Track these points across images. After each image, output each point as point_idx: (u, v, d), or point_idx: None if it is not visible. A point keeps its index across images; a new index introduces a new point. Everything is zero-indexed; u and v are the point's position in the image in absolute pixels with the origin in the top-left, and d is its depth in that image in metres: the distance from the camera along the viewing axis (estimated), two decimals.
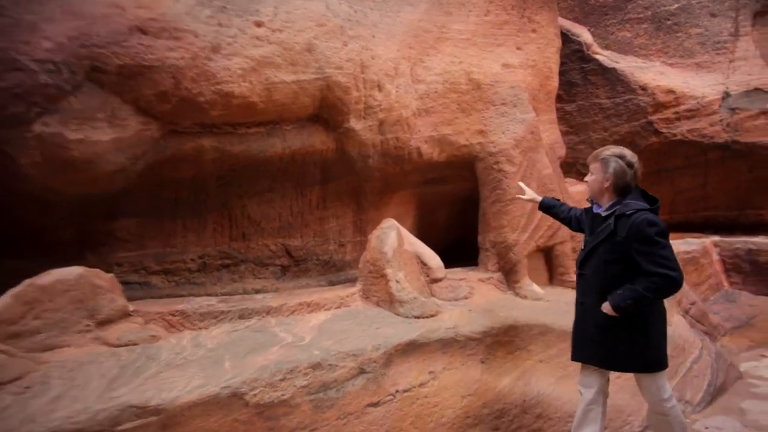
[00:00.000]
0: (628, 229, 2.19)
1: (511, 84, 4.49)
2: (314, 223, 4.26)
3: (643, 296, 2.17)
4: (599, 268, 2.35)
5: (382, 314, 3.35)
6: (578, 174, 6.84)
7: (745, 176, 6.19)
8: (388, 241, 3.58)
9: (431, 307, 3.36)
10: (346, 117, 3.72)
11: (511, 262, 4.16)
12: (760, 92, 5.97)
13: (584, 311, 2.49)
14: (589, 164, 2.44)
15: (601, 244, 2.34)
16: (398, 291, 3.37)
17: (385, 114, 3.88)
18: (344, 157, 3.91)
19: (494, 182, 4.26)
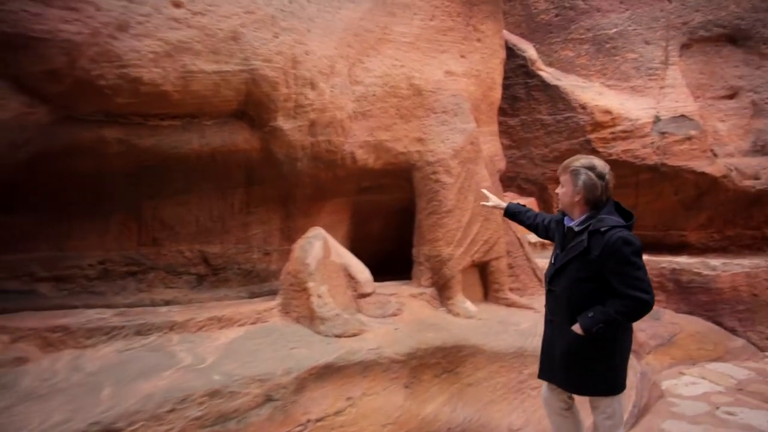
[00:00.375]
0: (603, 248, 2.07)
1: (453, 92, 4.36)
2: (236, 228, 3.91)
3: (615, 319, 2.08)
4: (570, 285, 2.21)
5: (300, 332, 3.06)
6: (519, 189, 6.87)
7: (671, 198, 6.44)
8: (313, 251, 3.31)
9: (355, 325, 3.11)
10: (273, 115, 3.42)
11: (445, 277, 4.00)
12: (685, 119, 6.24)
13: (552, 330, 2.35)
14: (559, 176, 2.30)
15: (572, 261, 2.20)
16: (320, 307, 3.11)
17: (317, 114, 3.62)
18: (270, 159, 3.60)
19: (431, 193, 4.10)
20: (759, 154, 6.52)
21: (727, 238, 6.44)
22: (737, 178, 6.15)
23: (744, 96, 6.61)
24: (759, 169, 6.35)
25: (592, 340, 2.12)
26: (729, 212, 6.38)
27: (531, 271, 4.60)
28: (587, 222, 2.17)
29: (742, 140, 6.55)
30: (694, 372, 4.69)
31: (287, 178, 3.78)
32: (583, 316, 2.13)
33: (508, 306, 4.16)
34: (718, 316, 5.60)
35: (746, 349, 5.16)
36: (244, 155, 3.55)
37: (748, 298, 5.57)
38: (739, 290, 5.59)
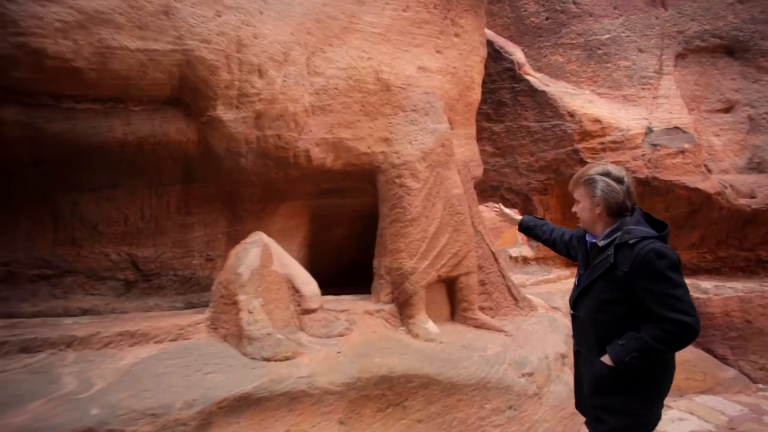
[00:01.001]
0: (632, 262, 1.75)
1: (425, 89, 3.97)
2: (173, 230, 3.48)
3: (652, 348, 1.71)
4: (597, 309, 1.89)
5: (225, 353, 2.63)
6: (502, 199, 6.47)
7: (663, 215, 6.06)
8: (247, 259, 2.89)
9: (288, 346, 2.68)
10: (211, 103, 3.01)
11: (407, 293, 3.58)
12: (679, 131, 5.89)
13: (580, 361, 2.02)
14: (573, 192, 1.99)
15: (598, 280, 1.88)
16: (249, 324, 2.68)
17: (265, 106, 3.21)
18: (209, 153, 3.19)
19: (394, 198, 3.69)
20: (755, 171, 6.17)
21: (720, 259, 6.07)
22: (732, 195, 5.79)
23: (740, 110, 6.28)
24: (755, 188, 6.00)
25: (624, 374, 1.77)
26: (722, 232, 6.01)
27: (506, 288, 4.19)
28: (613, 235, 1.85)
29: (738, 156, 6.20)
30: (681, 405, 4.27)
31: (230, 176, 3.36)
32: (613, 344, 1.79)
33: (477, 327, 3.73)
34: (708, 342, 5.20)
35: (738, 380, 4.75)
36: (178, 148, 3.13)
37: (740, 325, 5.18)
38: (731, 316, 5.20)
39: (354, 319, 3.30)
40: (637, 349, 1.72)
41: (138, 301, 3.35)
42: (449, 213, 3.74)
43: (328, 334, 3.03)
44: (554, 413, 3.10)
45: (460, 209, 3.80)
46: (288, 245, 4.20)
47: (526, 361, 3.20)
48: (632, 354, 1.72)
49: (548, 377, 3.25)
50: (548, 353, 3.45)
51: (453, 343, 3.27)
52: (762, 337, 5.13)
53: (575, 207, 2.00)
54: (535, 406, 3.03)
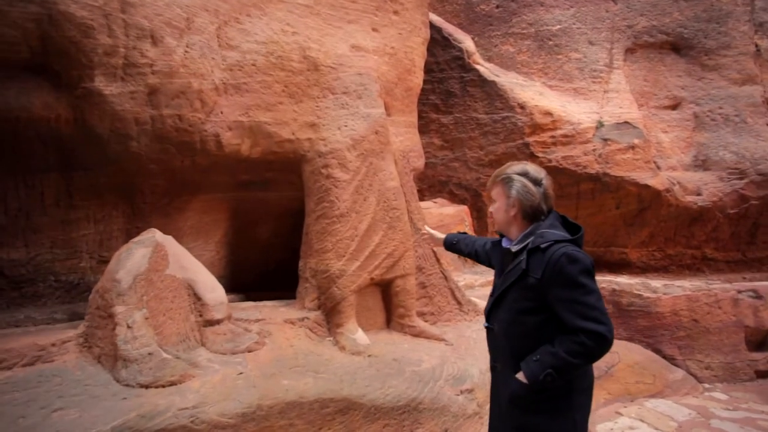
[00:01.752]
0: (544, 268, 1.64)
1: (359, 70, 3.55)
2: (51, 227, 2.91)
3: (567, 363, 1.58)
4: (510, 320, 1.74)
5: (94, 379, 2.12)
6: (451, 195, 6.16)
7: (613, 212, 5.93)
8: (130, 262, 2.38)
9: (175, 369, 2.20)
10: (87, 72, 2.47)
11: (334, 298, 3.15)
12: (629, 126, 5.76)
13: (496, 379, 1.84)
14: (490, 191, 1.85)
15: (511, 289, 1.74)
16: (125, 342, 2.17)
17: (161, 80, 2.70)
18: (90, 135, 2.64)
19: (321, 191, 3.25)
20: (700, 168, 6.12)
21: (668, 257, 5.99)
22: (679, 192, 5.70)
23: (686, 107, 6.22)
24: (701, 185, 5.95)
25: (540, 392, 1.63)
26: (670, 229, 5.93)
27: (449, 291, 3.84)
28: (526, 239, 1.73)
29: (684, 153, 6.13)
30: (632, 412, 4.06)
31: (121, 163, 2.83)
32: (527, 361, 1.65)
33: (414, 336, 3.35)
34: (657, 342, 5.06)
35: (686, 381, 4.61)
36: (48, 127, 2.57)
37: (688, 324, 5.06)
38: (679, 315, 5.08)
39: (269, 330, 2.85)
40: (551, 365, 1.58)
41: (2, 313, 2.75)
42: (383, 208, 3.34)
43: (233, 350, 2.56)
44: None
45: (395, 204, 3.40)
46: (203, 244, 3.70)
47: (466, 375, 2.84)
48: (547, 371, 1.58)
49: None
50: None
51: (384, 357, 2.87)
52: (708, 336, 5.04)
53: (491, 207, 1.83)
54: (475, 426, 2.68)
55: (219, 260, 3.79)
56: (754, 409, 4.17)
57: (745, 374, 4.88)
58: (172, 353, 2.31)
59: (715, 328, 5.03)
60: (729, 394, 4.56)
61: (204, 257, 3.69)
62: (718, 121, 6.12)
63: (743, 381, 4.84)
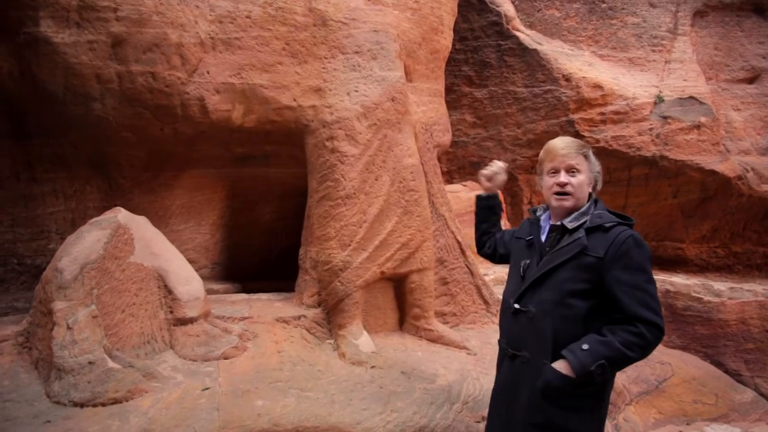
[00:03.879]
0: (608, 248, 1.51)
1: (374, 26, 3.00)
2: (11, 203, 2.54)
3: (623, 355, 1.45)
4: (557, 302, 1.55)
5: (21, 391, 1.73)
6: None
7: (669, 201, 5.19)
8: (77, 248, 1.96)
9: (123, 381, 1.77)
10: (28, 14, 2.03)
11: (337, 294, 2.67)
12: (694, 102, 4.97)
13: (515, 372, 1.62)
14: (568, 159, 1.62)
15: (561, 267, 1.56)
16: (62, 347, 1.76)
17: (129, 28, 2.24)
18: (41, 93, 2.22)
19: (324, 168, 2.75)
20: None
21: (734, 255, 5.20)
22: (754, 180, 4.89)
23: (767, 80, 5.34)
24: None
25: (580, 386, 1.48)
26: (739, 223, 5.13)
27: (474, 289, 3.29)
28: (581, 218, 1.61)
29: (761, 135, 5.28)
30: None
31: (86, 129, 2.41)
32: (571, 350, 1.49)
33: (431, 341, 2.84)
34: (719, 354, 4.37)
35: (756, 404, 3.92)
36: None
37: (759, 335, 4.34)
38: (748, 324, 4.35)
39: (255, 330, 2.40)
40: (605, 356, 1.45)
41: None
42: (398, 190, 2.81)
43: (205, 356, 2.12)
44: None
45: (413, 185, 2.86)
46: (196, 226, 3.28)
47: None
48: (599, 362, 1.44)
49: None
50: None
51: (390, 369, 2.37)
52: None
53: (566, 177, 1.60)
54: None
55: (214, 245, 3.37)
56: None
57: None
58: (125, 361, 1.88)
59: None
60: None
61: (197, 240, 3.29)
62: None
63: None
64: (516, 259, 1.75)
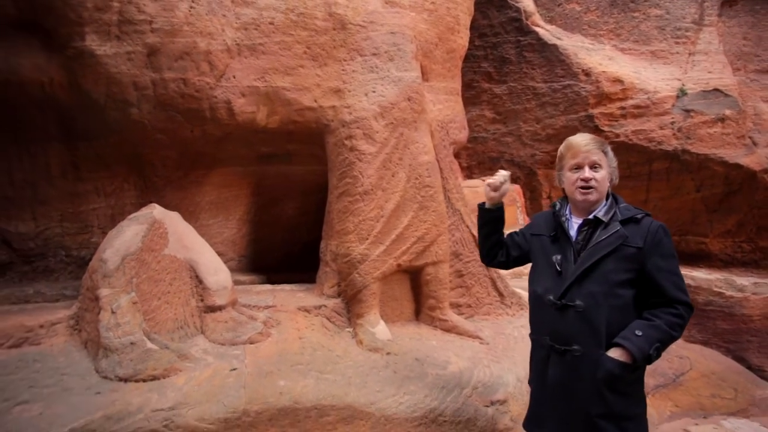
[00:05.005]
0: (645, 237, 1.62)
1: (392, 28, 3.11)
2: (60, 200, 2.78)
3: (670, 336, 1.59)
4: (606, 293, 1.61)
5: (74, 367, 1.95)
6: None
7: (692, 195, 5.14)
8: (119, 241, 2.16)
9: (160, 361, 1.97)
10: (76, 30, 2.24)
11: (355, 286, 2.82)
12: (719, 94, 4.90)
13: (572, 366, 1.62)
14: (591, 155, 1.69)
15: (605, 260, 1.62)
16: (107, 329, 1.97)
17: (162, 39, 2.43)
18: (87, 101, 2.44)
19: (344, 165, 2.90)
20: None
21: (760, 249, 5.11)
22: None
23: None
24: None
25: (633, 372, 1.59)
26: (765, 217, 5.04)
27: (489, 281, 3.39)
28: (610, 211, 1.69)
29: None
30: (705, 431, 3.45)
31: (123, 133, 2.62)
32: (625, 337, 1.56)
33: (445, 331, 2.97)
34: (741, 350, 4.34)
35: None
36: (42, 92, 2.39)
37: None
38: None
39: (279, 318, 2.57)
40: (658, 339, 1.56)
41: (13, 287, 2.67)
42: (415, 186, 2.94)
43: (233, 340, 2.31)
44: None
45: (429, 181, 2.98)
46: (224, 221, 3.48)
47: (500, 383, 2.43)
48: (655, 345, 1.55)
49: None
50: None
51: (405, 355, 2.51)
52: None
53: (590, 173, 1.66)
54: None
55: (241, 238, 3.57)
56: None
57: None
58: (162, 342, 2.08)
59: None
60: None
61: (224, 235, 3.49)
62: None
63: None
64: (542, 255, 1.76)
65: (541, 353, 1.71)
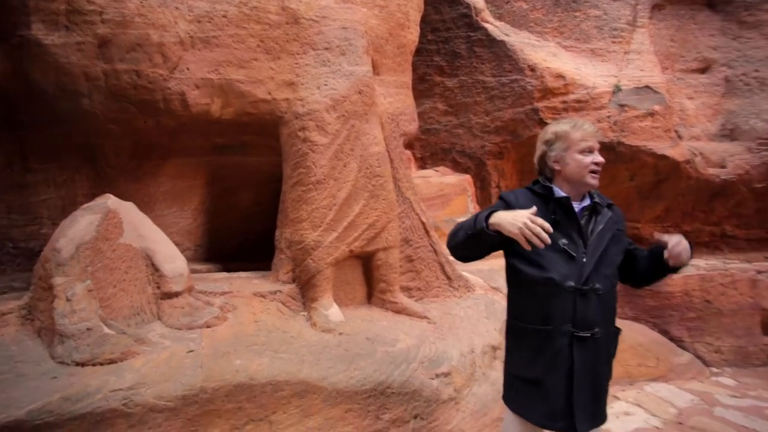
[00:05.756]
0: (622, 222, 1.78)
1: (344, 23, 3.22)
2: (6, 191, 2.75)
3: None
4: (613, 275, 1.69)
5: (27, 354, 1.98)
6: (454, 163, 5.85)
7: (626, 184, 5.55)
8: (73, 230, 2.20)
9: (117, 345, 2.04)
10: (22, 19, 2.24)
11: (309, 271, 2.95)
12: (649, 91, 5.30)
13: (595, 350, 1.62)
14: (592, 144, 1.73)
15: (610, 244, 1.68)
16: (63, 316, 2.02)
17: (113, 30, 2.45)
18: (35, 91, 2.43)
19: (297, 156, 3.01)
20: (727, 138, 5.65)
21: (685, 233, 5.48)
22: (701, 164, 5.28)
23: (717, 70, 5.70)
24: (725, 156, 5.50)
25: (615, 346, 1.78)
26: (688, 204, 5.53)
27: (438, 265, 3.60)
28: (591, 196, 1.75)
29: (710, 122, 5.66)
30: (629, 396, 3.84)
31: (75, 123, 2.62)
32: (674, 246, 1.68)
33: (396, 312, 3.15)
34: (665, 324, 4.79)
35: (692, 365, 4.35)
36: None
37: (700, 305, 4.76)
38: (691, 295, 4.77)
39: (235, 303, 2.68)
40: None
41: None
42: (365, 175, 3.09)
43: (190, 325, 2.40)
44: (474, 420, 2.57)
45: (379, 171, 3.14)
46: (179, 211, 3.52)
47: (444, 358, 2.64)
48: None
49: (471, 376, 2.71)
50: (475, 346, 2.90)
51: (356, 335, 2.68)
52: (720, 318, 4.74)
53: (593, 157, 1.69)
54: (449, 413, 2.49)
55: (197, 228, 3.62)
56: (763, 397, 3.90)
57: (758, 359, 4.59)
58: (119, 328, 2.15)
59: (729, 310, 4.72)
60: (738, 380, 4.30)
61: (180, 224, 3.53)
62: (753, 86, 5.60)
63: (755, 366, 4.56)
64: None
65: (560, 342, 1.59)
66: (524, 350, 1.67)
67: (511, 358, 1.76)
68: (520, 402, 1.69)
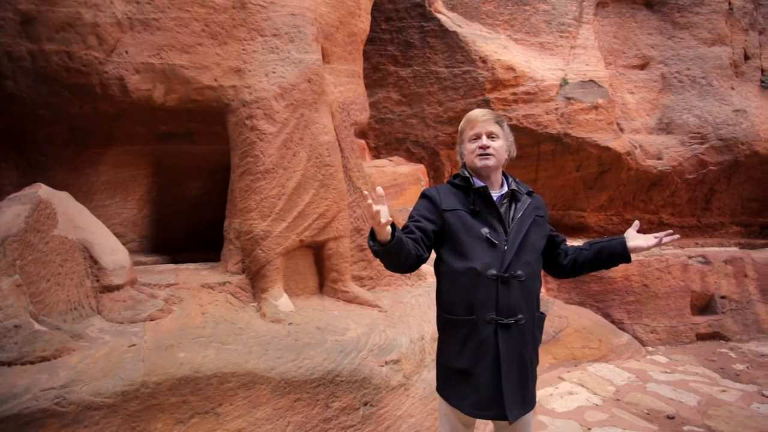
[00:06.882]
0: (544, 208, 1.80)
1: (292, 10, 3.16)
2: None
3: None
4: (535, 261, 1.71)
5: None
6: (408, 153, 5.89)
7: (573, 174, 5.79)
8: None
9: (50, 342, 1.95)
10: None
11: (259, 261, 2.91)
12: (594, 85, 5.52)
13: (519, 336, 1.63)
14: (487, 125, 1.74)
15: (531, 230, 1.70)
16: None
17: (38, 6, 2.30)
18: None
19: (245, 145, 2.95)
20: (664, 132, 5.99)
21: (626, 222, 5.91)
22: (640, 156, 5.57)
23: (655, 67, 6.00)
24: (662, 149, 5.84)
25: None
26: (629, 193, 5.84)
27: None
28: (511, 184, 1.79)
29: (649, 115, 5.97)
30: (573, 377, 4.03)
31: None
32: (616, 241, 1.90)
33: (347, 302, 3.17)
34: (607, 307, 5.05)
35: (630, 345, 4.62)
36: None
37: (638, 289, 5.05)
38: (631, 280, 5.05)
39: (181, 295, 2.61)
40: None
41: None
42: (315, 165, 3.07)
43: (132, 318, 2.32)
44: (423, 405, 2.63)
45: (329, 160, 3.12)
46: (122, 202, 3.38)
47: (393, 345, 2.68)
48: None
49: (420, 363, 2.77)
50: (425, 333, 2.96)
51: (306, 325, 2.67)
52: (656, 300, 5.05)
53: (488, 141, 1.71)
54: (399, 399, 2.54)
55: (141, 219, 3.48)
56: (689, 371, 4.21)
57: (687, 337, 4.93)
58: (53, 324, 2.05)
59: (663, 293, 5.04)
60: (669, 357, 4.60)
61: (123, 215, 3.39)
62: (685, 83, 5.94)
63: (684, 344, 4.89)
64: (464, 230, 1.64)
65: (485, 331, 1.59)
66: (453, 341, 1.66)
67: (442, 350, 1.74)
68: (452, 393, 1.67)
